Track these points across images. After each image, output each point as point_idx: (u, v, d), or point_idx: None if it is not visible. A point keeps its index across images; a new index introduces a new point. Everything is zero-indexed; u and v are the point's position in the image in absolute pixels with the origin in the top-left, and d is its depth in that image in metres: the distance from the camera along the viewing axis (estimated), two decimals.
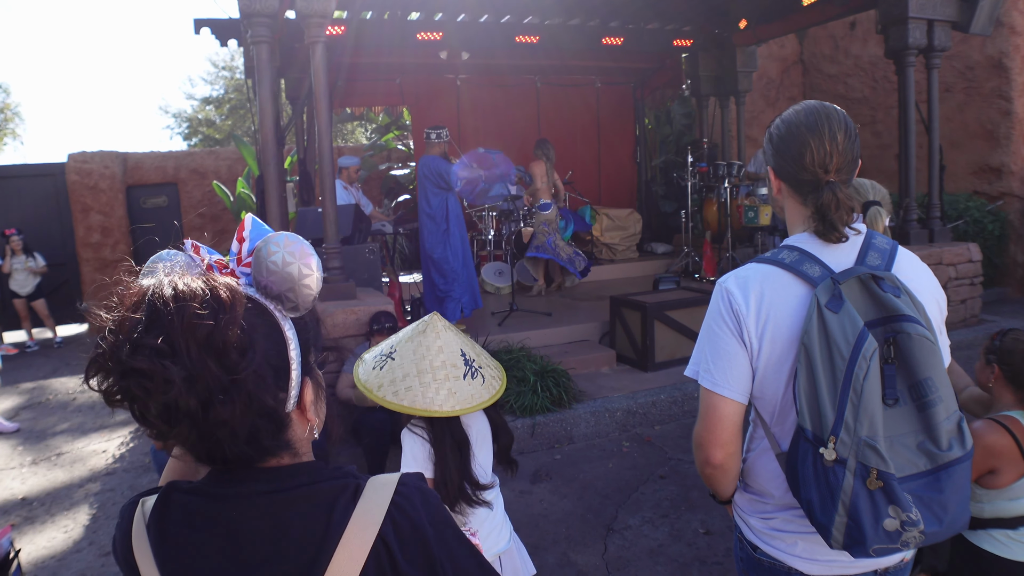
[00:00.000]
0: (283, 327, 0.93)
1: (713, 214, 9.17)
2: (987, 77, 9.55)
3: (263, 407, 0.87)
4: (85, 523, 4.41)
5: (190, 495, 0.93)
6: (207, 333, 0.83)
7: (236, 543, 0.88)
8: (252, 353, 0.86)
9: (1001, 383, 2.42)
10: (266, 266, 0.92)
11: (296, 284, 0.93)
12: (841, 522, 1.29)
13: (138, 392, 0.81)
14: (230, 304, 0.86)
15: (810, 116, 1.46)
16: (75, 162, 11.15)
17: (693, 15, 9.07)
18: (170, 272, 0.89)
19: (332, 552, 0.88)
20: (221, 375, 0.83)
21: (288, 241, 0.94)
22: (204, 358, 0.82)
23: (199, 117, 23.87)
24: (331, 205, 5.47)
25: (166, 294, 0.84)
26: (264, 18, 5.19)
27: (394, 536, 0.91)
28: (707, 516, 4.02)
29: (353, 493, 0.93)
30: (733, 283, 1.49)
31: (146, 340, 0.81)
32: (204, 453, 0.89)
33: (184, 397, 0.81)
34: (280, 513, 0.90)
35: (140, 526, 0.93)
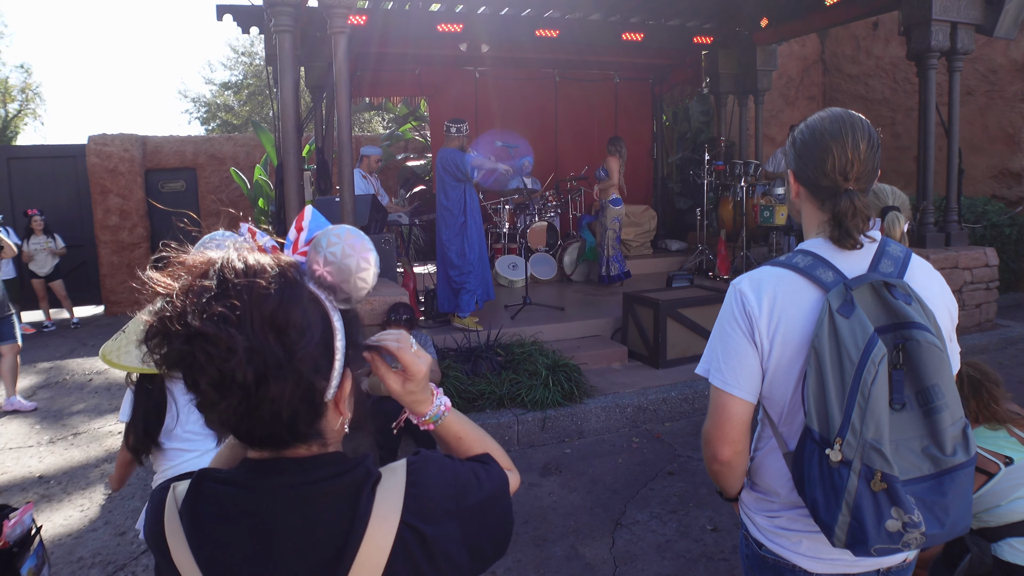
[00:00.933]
0: (332, 317, 0.94)
1: (728, 213, 9.16)
2: (1010, 81, 9.47)
3: (309, 391, 0.89)
4: (101, 503, 4.49)
5: (223, 484, 0.95)
6: (272, 308, 0.84)
7: (267, 535, 0.91)
8: (310, 335, 0.87)
9: None
10: (324, 256, 0.94)
11: (352, 277, 0.95)
12: (844, 521, 1.32)
13: (200, 357, 0.82)
14: (296, 284, 0.88)
15: (835, 123, 1.48)
16: (95, 144, 11.26)
17: (714, 12, 9.04)
18: (239, 247, 0.91)
19: (359, 543, 0.91)
20: (280, 351, 0.84)
21: (349, 235, 0.96)
22: (266, 332, 0.83)
23: (218, 102, 23.99)
24: (349, 194, 5.52)
25: (237, 265, 0.86)
26: (288, 7, 5.23)
27: (418, 517, 0.94)
28: (715, 513, 4.05)
29: (373, 484, 0.96)
30: (747, 285, 1.51)
31: (215, 306, 0.82)
32: (243, 430, 0.90)
33: (242, 368, 0.82)
34: (309, 506, 0.92)
35: (172, 511, 0.95)
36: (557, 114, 10.93)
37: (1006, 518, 2.33)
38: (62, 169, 11.43)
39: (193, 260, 0.88)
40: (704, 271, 9.11)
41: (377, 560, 0.91)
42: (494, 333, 6.28)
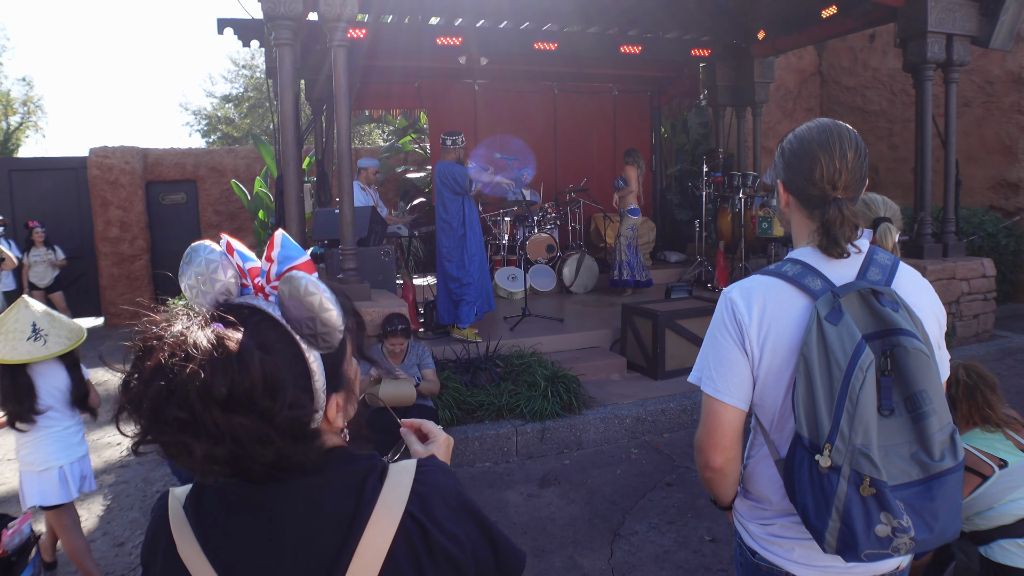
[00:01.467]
0: (308, 359, 0.95)
1: (727, 224, 9.19)
2: (1006, 92, 9.52)
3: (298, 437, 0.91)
4: (99, 514, 4.49)
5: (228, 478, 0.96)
6: (225, 395, 0.84)
7: (273, 524, 0.93)
8: (283, 394, 0.88)
9: None
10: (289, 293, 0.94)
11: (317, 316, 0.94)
12: (835, 527, 1.33)
13: (171, 454, 0.87)
14: (245, 359, 0.87)
15: (822, 133, 1.51)
16: (96, 156, 11.32)
17: (711, 25, 9.11)
18: (188, 322, 0.90)
19: (363, 529, 0.93)
20: (254, 425, 0.85)
21: (308, 290, 0.94)
22: (230, 417, 0.84)
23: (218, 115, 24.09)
24: (348, 207, 5.55)
25: (180, 358, 0.85)
26: (288, 21, 5.27)
27: (421, 511, 0.96)
28: (713, 524, 4.05)
29: (380, 474, 0.99)
30: (737, 294, 1.53)
31: (168, 412, 0.84)
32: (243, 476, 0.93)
33: (213, 451, 0.85)
34: (314, 495, 0.95)
35: (177, 510, 0.98)
36: (556, 126, 10.99)
37: (997, 520, 2.35)
38: (63, 181, 11.47)
39: (147, 341, 0.89)
40: (703, 282, 9.13)
41: (380, 546, 0.93)
42: (493, 344, 6.29)
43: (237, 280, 0.97)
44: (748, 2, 8.33)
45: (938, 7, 6.74)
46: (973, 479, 2.34)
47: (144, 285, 11.74)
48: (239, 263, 0.98)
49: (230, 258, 0.98)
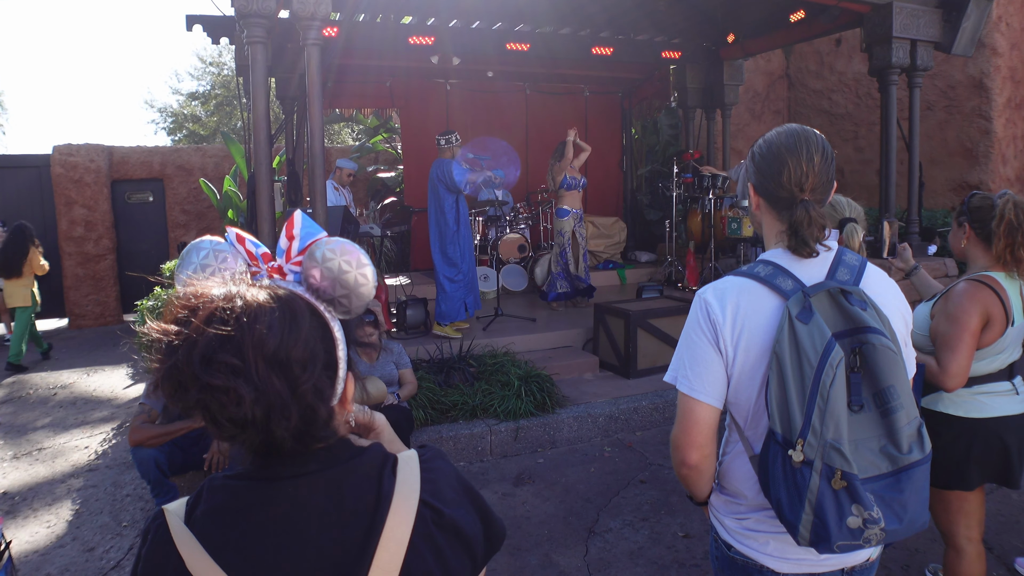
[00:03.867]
0: (333, 328, 0.97)
1: (697, 224, 9.29)
2: (968, 96, 9.76)
3: (317, 414, 0.93)
4: (68, 518, 4.42)
5: (238, 481, 0.97)
6: (274, 349, 0.88)
7: (296, 520, 0.94)
8: (313, 366, 0.91)
9: (974, 242, 2.64)
10: (321, 271, 0.97)
11: (352, 292, 0.98)
12: (808, 520, 1.37)
13: (214, 405, 0.87)
14: (295, 318, 0.91)
15: (790, 138, 1.56)
16: (60, 154, 11.11)
17: (682, 28, 9.20)
18: (238, 281, 0.93)
19: (384, 519, 0.96)
20: (284, 390, 0.88)
21: (344, 249, 0.98)
22: (270, 374, 0.87)
23: (185, 112, 23.75)
24: (321, 206, 5.52)
25: (236, 307, 0.88)
26: (260, 19, 5.23)
27: (432, 497, 1.00)
28: (686, 520, 4.10)
29: (393, 465, 1.02)
30: (711, 294, 1.57)
31: (221, 357, 0.85)
32: (263, 449, 0.94)
33: (251, 411, 0.86)
34: (335, 487, 0.96)
35: (179, 525, 0.95)
36: (528, 127, 11.02)
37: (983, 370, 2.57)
38: (26, 180, 11.25)
39: (195, 300, 0.90)
40: (673, 282, 9.22)
41: (401, 535, 0.96)
42: (466, 344, 6.31)
43: (248, 269, 1.00)
44: (718, 6, 8.42)
45: (903, 13, 6.89)
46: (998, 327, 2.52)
47: (110, 285, 11.55)
48: (250, 250, 1.00)
49: (240, 248, 1.00)
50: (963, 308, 2.49)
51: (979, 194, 2.64)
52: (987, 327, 2.49)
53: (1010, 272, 2.56)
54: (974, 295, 2.49)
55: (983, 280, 2.54)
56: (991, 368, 2.58)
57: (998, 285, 2.52)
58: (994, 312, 2.48)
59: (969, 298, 2.49)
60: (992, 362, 2.57)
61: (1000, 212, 2.51)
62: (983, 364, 2.56)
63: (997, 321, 2.49)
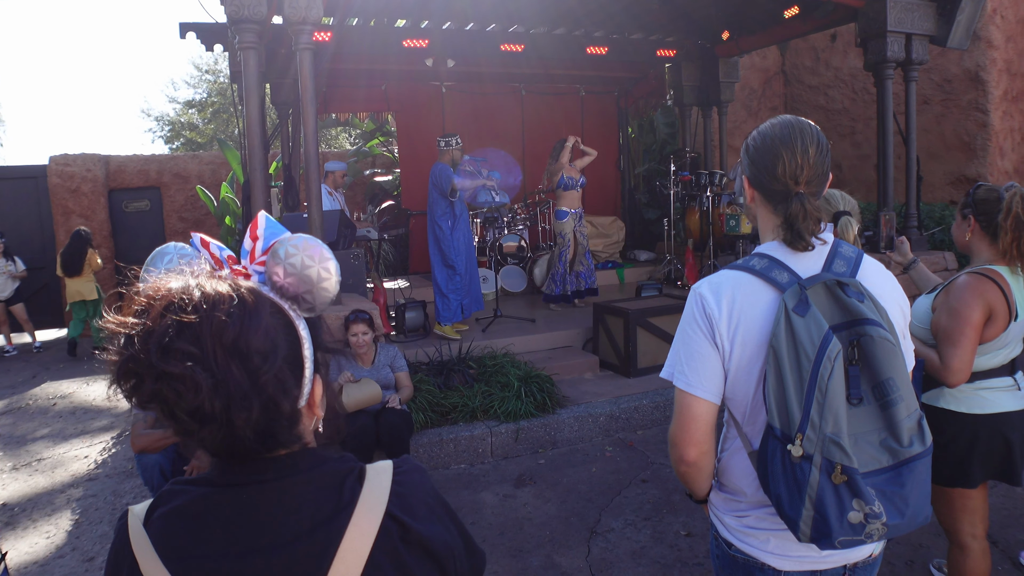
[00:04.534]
0: (298, 326, 0.96)
1: (695, 222, 9.28)
2: (964, 89, 9.74)
3: (277, 408, 0.90)
4: (68, 528, 4.40)
5: (197, 486, 0.95)
6: (233, 338, 0.86)
7: (250, 528, 0.91)
8: (274, 357, 0.89)
9: (979, 236, 2.58)
10: (284, 268, 0.95)
11: (315, 287, 0.96)
12: (808, 515, 1.35)
13: (170, 395, 0.84)
14: (255, 308, 0.89)
15: (785, 130, 1.53)
16: (57, 164, 11.08)
17: (676, 26, 9.19)
18: (196, 274, 0.91)
19: (343, 531, 0.92)
20: (244, 380, 0.86)
21: (307, 244, 0.97)
22: (229, 363, 0.85)
23: (181, 120, 23.75)
24: (317, 210, 5.51)
25: (195, 297, 0.86)
26: (252, 24, 5.22)
27: (401, 510, 0.96)
28: (688, 519, 4.08)
29: (358, 475, 0.98)
30: (706, 288, 1.55)
31: (178, 345, 0.83)
32: (223, 449, 0.92)
33: (211, 401, 0.84)
34: (293, 496, 0.93)
35: (137, 527, 0.94)
36: (524, 128, 11.00)
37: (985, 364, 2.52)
38: (23, 190, 11.22)
39: (152, 292, 0.88)
40: (673, 280, 9.20)
41: (361, 548, 0.92)
42: (466, 346, 6.29)
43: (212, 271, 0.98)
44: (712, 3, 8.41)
45: (897, 7, 6.88)
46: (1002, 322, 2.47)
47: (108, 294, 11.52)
48: (215, 254, 0.99)
49: (205, 252, 0.99)
50: (965, 302, 2.44)
51: (984, 186, 2.57)
52: (990, 322, 2.44)
53: (1014, 267, 2.50)
54: (976, 288, 2.44)
55: (986, 273, 2.48)
56: (993, 363, 2.53)
57: (1001, 279, 2.46)
58: (997, 306, 2.43)
59: (971, 291, 2.44)
60: (994, 357, 2.53)
61: (1007, 205, 2.44)
62: (985, 359, 2.51)
63: (1000, 316, 2.44)
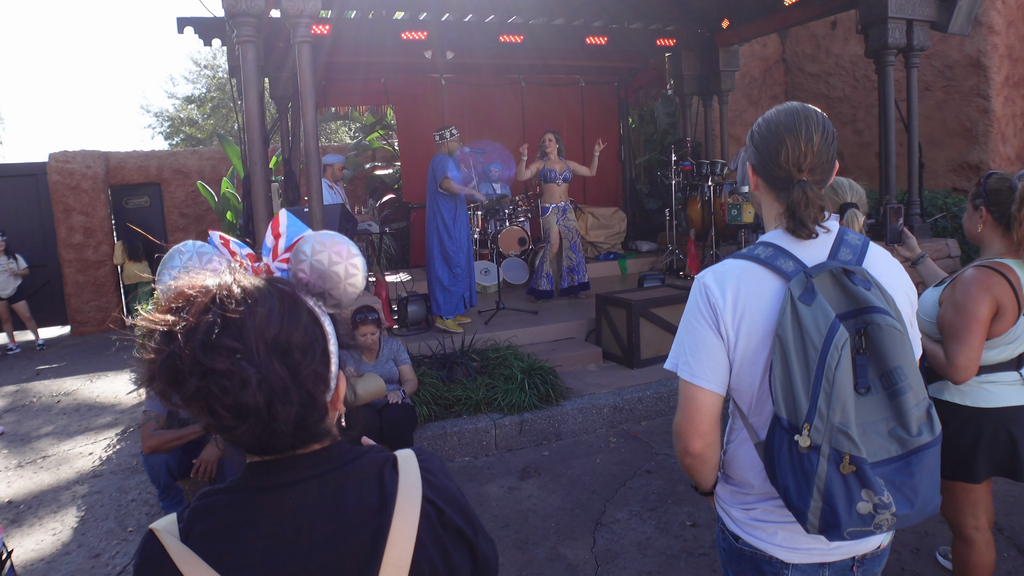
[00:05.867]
0: (324, 323, 0.96)
1: (697, 212, 9.25)
2: (966, 76, 9.68)
3: (313, 401, 0.91)
4: (73, 525, 4.40)
5: (233, 494, 0.94)
6: (275, 334, 0.86)
7: (298, 528, 0.91)
8: (312, 352, 0.90)
9: (991, 227, 2.50)
10: (311, 264, 0.96)
11: (343, 283, 0.97)
12: (816, 506, 1.34)
13: (216, 391, 0.83)
14: (295, 304, 0.90)
15: (789, 116, 1.51)
16: (56, 162, 11.07)
17: (676, 15, 9.14)
18: (234, 271, 0.91)
19: (391, 518, 0.94)
20: (285, 374, 0.86)
21: (334, 241, 0.97)
22: (272, 358, 0.85)
23: (181, 116, 23.71)
24: (318, 204, 5.49)
25: (236, 295, 0.86)
26: (250, 18, 5.19)
27: (433, 494, 0.99)
28: (694, 509, 4.08)
29: (393, 463, 1.00)
30: (711, 278, 1.53)
31: (223, 341, 0.83)
32: (259, 445, 0.92)
33: (255, 396, 0.83)
34: (336, 491, 0.94)
35: (175, 543, 0.91)
36: (524, 119, 10.96)
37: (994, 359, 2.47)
38: (23, 188, 11.21)
39: (190, 290, 0.88)
40: (675, 271, 9.18)
41: (408, 532, 0.94)
42: (468, 338, 6.28)
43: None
44: None
45: None
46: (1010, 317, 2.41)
47: (110, 291, 11.53)
48: (235, 251, 0.99)
49: (224, 250, 0.99)
50: (971, 296, 2.37)
51: (996, 175, 2.50)
52: (997, 316, 2.38)
53: None
54: (983, 282, 2.37)
55: (994, 267, 2.41)
56: (1000, 358, 2.47)
57: (1011, 272, 2.39)
58: (1005, 301, 2.36)
59: (978, 286, 2.37)
60: (1002, 352, 2.46)
61: (1021, 195, 2.36)
62: (992, 353, 2.45)
63: (1008, 310, 2.37)
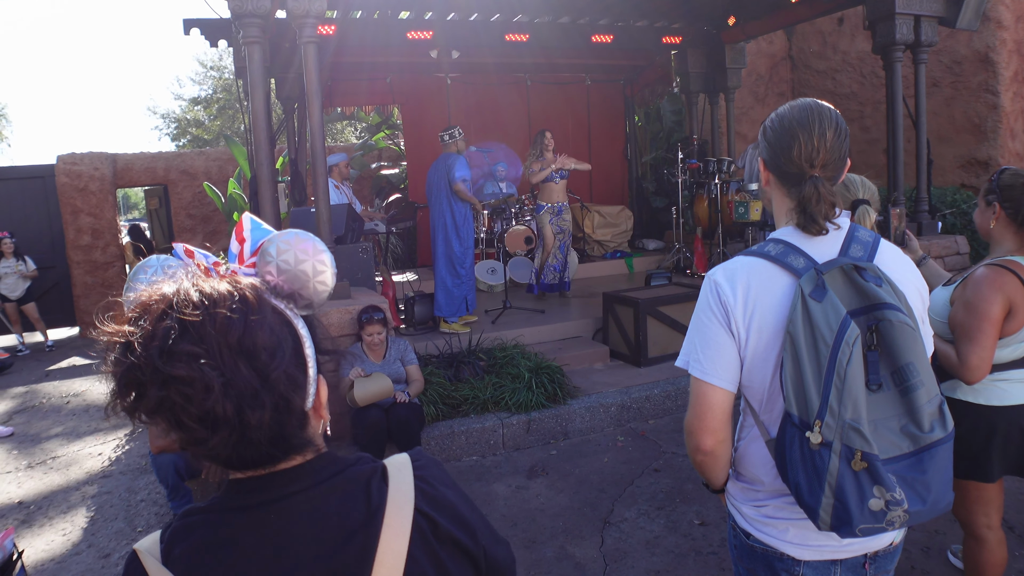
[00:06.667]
0: (297, 326, 0.92)
1: (704, 210, 9.23)
2: (974, 71, 9.63)
3: (288, 407, 0.87)
4: (83, 526, 4.42)
5: (211, 514, 0.90)
6: (238, 336, 0.82)
7: (280, 548, 0.87)
8: (281, 354, 0.86)
9: (1004, 224, 2.46)
10: (277, 265, 0.92)
11: (311, 281, 0.94)
12: (828, 503, 1.33)
13: (179, 400, 0.80)
14: (257, 305, 0.86)
15: (803, 112, 1.51)
16: (64, 164, 11.11)
17: (682, 12, 9.11)
18: (192, 276, 0.88)
19: (379, 534, 0.90)
20: (253, 378, 0.83)
21: (298, 239, 0.94)
22: (236, 362, 0.82)
23: (187, 117, 23.80)
24: (324, 204, 5.49)
25: (194, 299, 0.83)
26: (256, 19, 5.20)
27: (427, 505, 0.94)
28: (702, 508, 4.07)
29: (382, 474, 0.96)
30: (721, 275, 1.53)
31: (182, 346, 0.80)
32: (236, 458, 0.88)
33: (221, 403, 0.80)
34: (319, 507, 0.90)
35: (156, 567, 0.88)
36: (530, 118, 10.96)
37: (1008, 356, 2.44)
38: (31, 190, 11.26)
39: (147, 298, 0.85)
40: (682, 269, 9.16)
41: (399, 547, 0.90)
42: (475, 338, 6.28)
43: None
44: None
45: None
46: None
47: (119, 292, 11.50)
48: (200, 262, 0.95)
49: (189, 261, 0.95)
50: (983, 296, 2.34)
51: (1009, 170, 2.46)
52: (1010, 315, 2.34)
53: None
54: (995, 282, 2.34)
55: (1005, 265, 2.37)
56: (1013, 356, 2.44)
57: (1023, 270, 2.35)
58: (1017, 299, 2.33)
59: (990, 285, 2.34)
60: (1015, 350, 2.43)
61: None
62: (1005, 352, 2.42)
63: (1021, 309, 2.34)
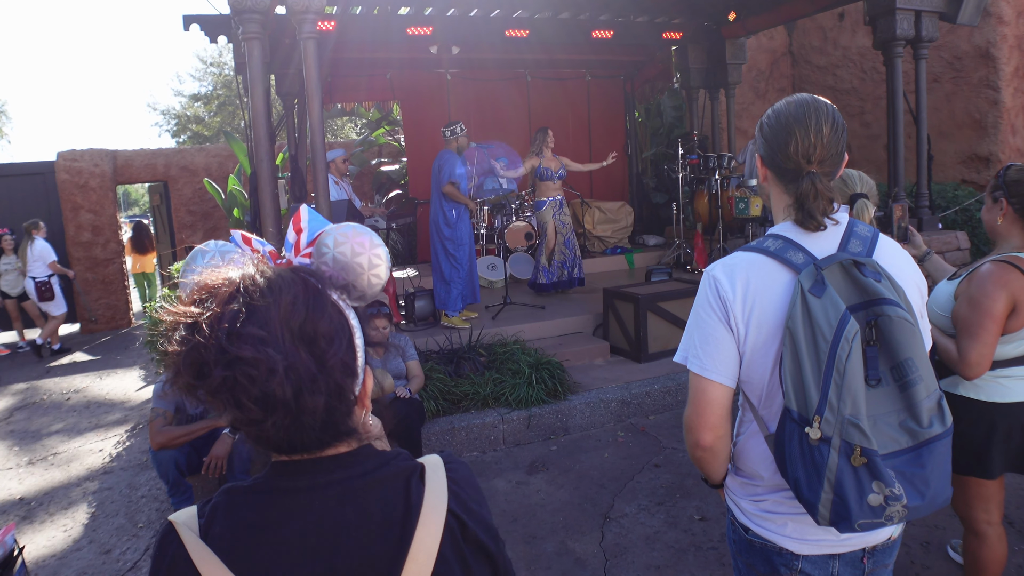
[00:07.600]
0: (349, 316, 0.95)
1: (704, 206, 9.23)
2: (975, 67, 9.62)
3: (340, 393, 0.90)
4: (84, 522, 4.43)
5: (254, 494, 0.92)
6: (300, 322, 0.85)
7: (322, 535, 0.90)
8: (339, 342, 0.89)
9: (1010, 219, 2.44)
10: (333, 257, 0.95)
11: (366, 274, 0.97)
12: (827, 498, 1.34)
13: (243, 381, 0.82)
14: (320, 293, 0.89)
15: (799, 108, 1.51)
16: (65, 160, 11.11)
17: (682, 7, 9.09)
18: (257, 262, 0.90)
19: (414, 531, 0.92)
20: (312, 363, 0.85)
21: (356, 232, 0.97)
22: (297, 347, 0.84)
23: (188, 114, 23.79)
24: (324, 200, 5.50)
25: (260, 284, 0.86)
26: (255, 14, 5.19)
27: (458, 507, 0.97)
28: (702, 503, 4.08)
29: (420, 473, 0.98)
30: (720, 271, 1.53)
31: (248, 329, 0.83)
32: (286, 441, 0.90)
33: (282, 386, 0.83)
34: (362, 498, 0.93)
35: (193, 539, 0.90)
36: (530, 114, 10.95)
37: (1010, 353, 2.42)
38: (31, 187, 11.25)
39: (213, 282, 0.87)
40: (682, 264, 9.17)
41: (431, 546, 0.93)
42: (476, 334, 6.29)
43: None
44: None
45: None
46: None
47: (119, 289, 11.58)
48: (257, 249, 0.99)
49: (247, 248, 0.99)
50: (987, 292, 2.32)
51: (1016, 166, 2.44)
52: (1014, 313, 2.32)
53: None
54: (1000, 278, 2.32)
55: (1011, 262, 2.35)
56: (1015, 353, 2.42)
57: None
58: (1022, 297, 2.31)
59: (994, 282, 2.32)
60: (1018, 347, 2.41)
61: None
62: (1008, 348, 2.40)
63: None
